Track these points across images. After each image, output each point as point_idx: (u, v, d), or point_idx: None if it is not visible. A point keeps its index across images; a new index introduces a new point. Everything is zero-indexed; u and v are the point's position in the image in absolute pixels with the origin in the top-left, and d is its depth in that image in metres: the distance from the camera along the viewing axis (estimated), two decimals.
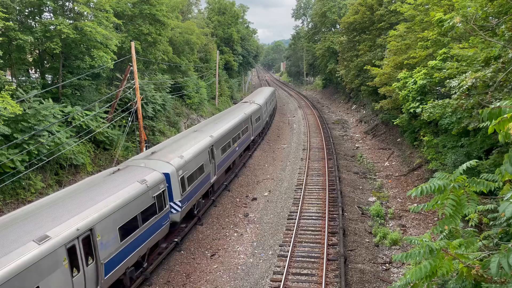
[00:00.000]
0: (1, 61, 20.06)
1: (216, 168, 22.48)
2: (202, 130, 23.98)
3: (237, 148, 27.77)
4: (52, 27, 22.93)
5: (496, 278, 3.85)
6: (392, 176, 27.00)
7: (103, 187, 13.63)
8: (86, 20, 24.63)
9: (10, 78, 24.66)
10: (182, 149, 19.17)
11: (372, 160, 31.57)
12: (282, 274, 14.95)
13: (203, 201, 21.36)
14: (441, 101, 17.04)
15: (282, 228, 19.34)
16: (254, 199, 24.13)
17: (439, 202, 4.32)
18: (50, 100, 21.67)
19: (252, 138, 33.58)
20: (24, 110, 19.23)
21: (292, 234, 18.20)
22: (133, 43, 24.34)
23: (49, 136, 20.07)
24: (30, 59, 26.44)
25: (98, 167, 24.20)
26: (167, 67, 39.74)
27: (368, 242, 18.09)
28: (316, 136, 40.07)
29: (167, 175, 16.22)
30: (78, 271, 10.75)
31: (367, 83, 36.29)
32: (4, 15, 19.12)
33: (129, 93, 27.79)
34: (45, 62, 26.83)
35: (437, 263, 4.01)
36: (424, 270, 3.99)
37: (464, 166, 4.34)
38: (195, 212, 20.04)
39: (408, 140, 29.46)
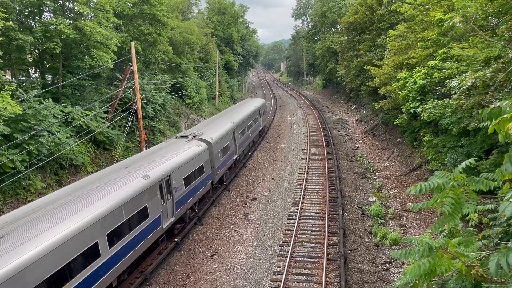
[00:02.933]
0: (1, 61, 20.07)
1: None
2: None
3: (102, 273, 12.25)
4: (52, 27, 22.94)
5: (496, 278, 3.84)
6: (392, 176, 26.99)
7: None
8: (86, 20, 24.65)
9: (10, 78, 24.67)
10: None
11: (372, 160, 31.56)
12: (282, 274, 14.95)
13: None
14: (441, 101, 17.03)
15: (282, 228, 19.34)
16: (254, 199, 24.13)
17: (438, 200, 4.32)
18: (50, 100, 21.68)
19: (169, 221, 16.95)
20: (24, 110, 19.25)
21: (292, 234, 18.20)
22: (133, 43, 24.35)
23: (49, 136, 20.07)
24: (30, 59, 26.44)
25: (98, 167, 24.19)
26: (167, 67, 39.76)
27: (368, 242, 18.09)
28: (316, 136, 40.06)
29: None
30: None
31: (367, 83, 36.28)
32: (4, 15, 19.13)
33: (129, 93, 27.81)
34: (45, 62, 26.84)
35: (436, 261, 4.01)
36: (423, 268, 3.99)
37: (463, 164, 4.33)
38: None
39: (408, 140, 29.45)
